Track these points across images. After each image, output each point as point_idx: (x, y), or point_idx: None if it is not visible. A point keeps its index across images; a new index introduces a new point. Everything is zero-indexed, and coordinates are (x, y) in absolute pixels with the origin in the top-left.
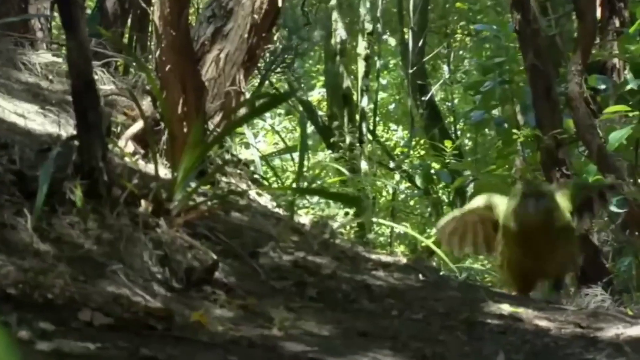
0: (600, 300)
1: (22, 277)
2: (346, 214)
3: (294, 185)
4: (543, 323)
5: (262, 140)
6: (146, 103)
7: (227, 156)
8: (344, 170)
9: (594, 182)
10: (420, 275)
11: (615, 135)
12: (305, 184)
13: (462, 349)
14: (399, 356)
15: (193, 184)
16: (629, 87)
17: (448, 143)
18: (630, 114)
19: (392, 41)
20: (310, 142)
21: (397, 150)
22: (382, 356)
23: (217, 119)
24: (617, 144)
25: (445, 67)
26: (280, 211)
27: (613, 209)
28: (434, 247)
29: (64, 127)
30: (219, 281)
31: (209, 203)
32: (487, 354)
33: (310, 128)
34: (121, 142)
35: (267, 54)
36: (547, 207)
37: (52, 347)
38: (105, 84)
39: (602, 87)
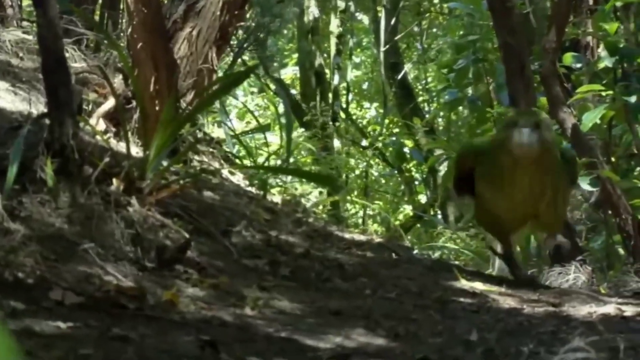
0: (573, 279)
1: None
2: (320, 192)
3: (270, 163)
4: (516, 302)
5: (234, 118)
6: (118, 81)
7: (200, 134)
8: (314, 149)
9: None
10: (394, 254)
11: (588, 115)
12: (279, 162)
13: (435, 327)
14: (372, 335)
15: (165, 163)
16: (602, 65)
17: (417, 121)
18: (604, 93)
19: (365, 19)
20: (283, 121)
21: (370, 128)
22: (356, 335)
23: (189, 97)
24: (591, 124)
25: (418, 46)
26: (253, 190)
27: (586, 187)
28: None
29: (35, 105)
30: (191, 260)
31: (181, 182)
32: (460, 333)
33: (283, 106)
34: (92, 120)
35: (240, 32)
36: (542, 138)
37: (23, 326)
38: (76, 61)
39: (576, 65)
